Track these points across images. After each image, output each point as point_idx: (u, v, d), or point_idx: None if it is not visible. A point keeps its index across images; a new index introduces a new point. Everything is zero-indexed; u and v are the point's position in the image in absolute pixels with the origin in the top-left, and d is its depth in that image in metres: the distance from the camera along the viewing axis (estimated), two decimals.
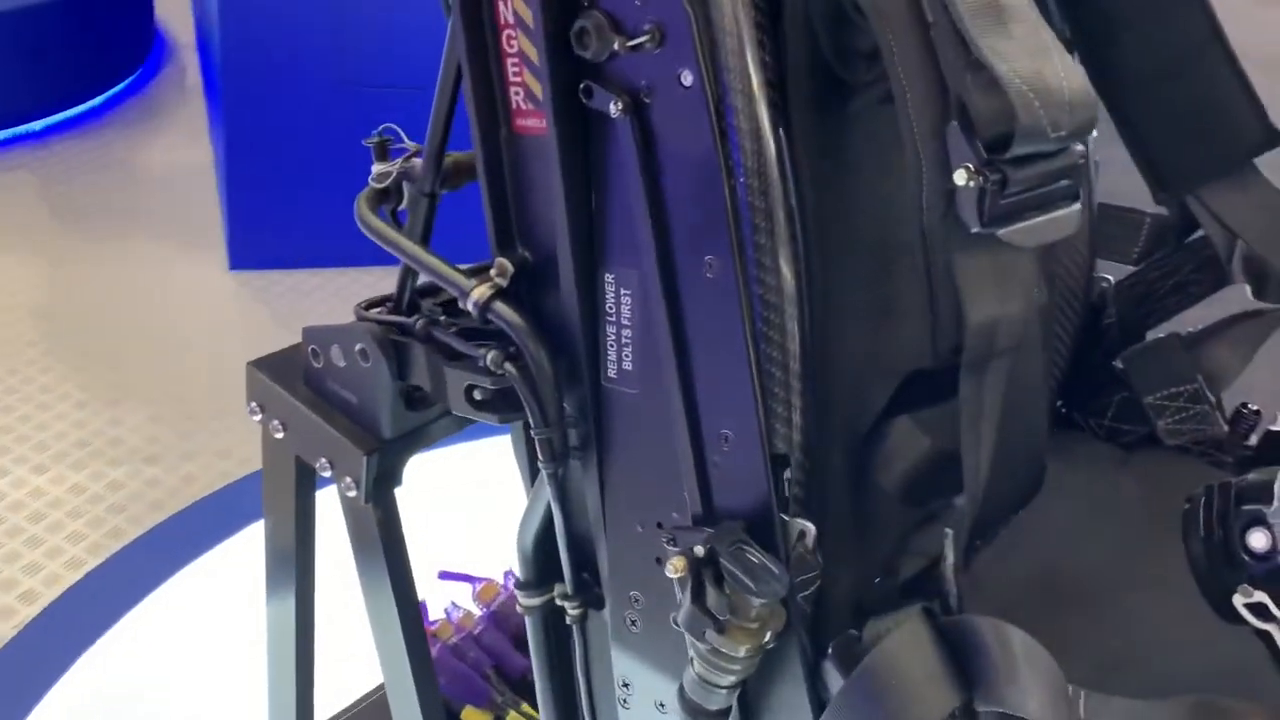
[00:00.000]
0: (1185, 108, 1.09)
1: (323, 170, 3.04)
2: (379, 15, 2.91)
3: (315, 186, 3.10)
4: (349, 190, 2.33)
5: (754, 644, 0.80)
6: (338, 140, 3.09)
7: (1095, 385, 1.32)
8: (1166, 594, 1.11)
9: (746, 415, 0.81)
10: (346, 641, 1.54)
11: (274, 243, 3.22)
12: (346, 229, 1.30)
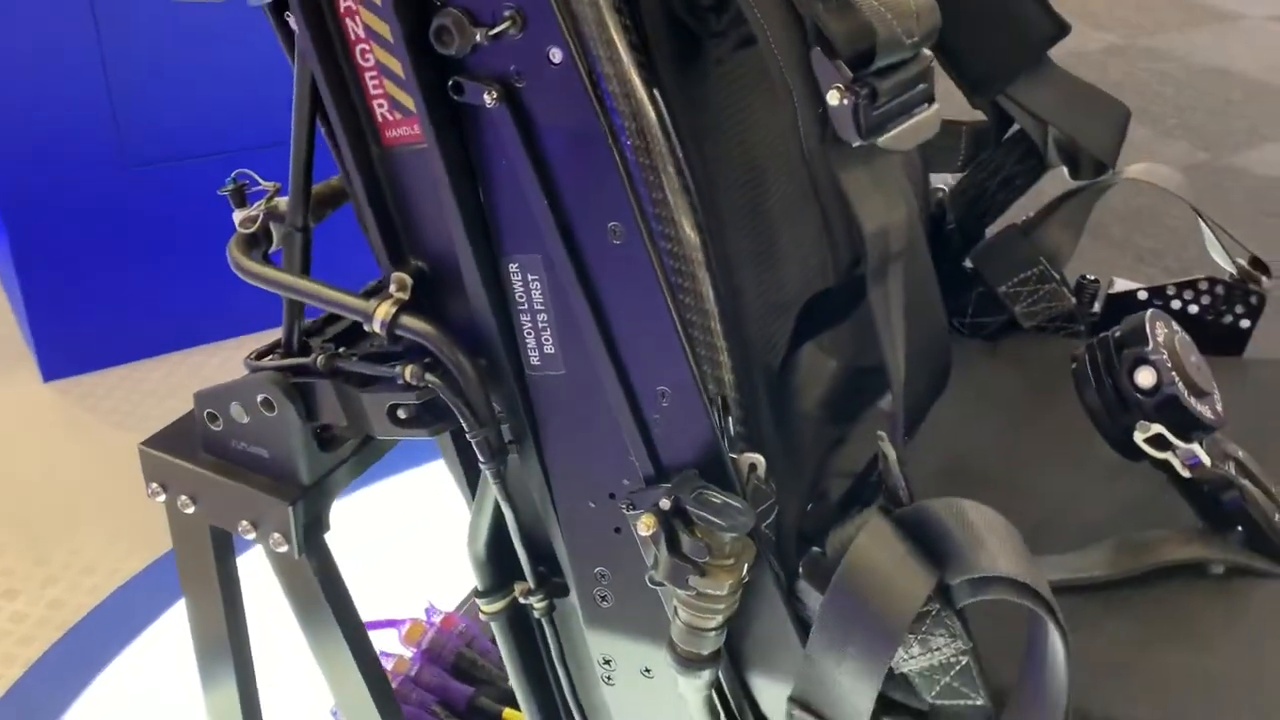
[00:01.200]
0: (983, 15, 1.19)
1: (122, 257, 2.89)
2: (156, 90, 2.78)
3: (118, 275, 2.94)
4: (154, 275, 2.25)
5: (735, 579, 0.82)
6: (131, 224, 2.96)
7: (951, 288, 1.41)
8: (1063, 459, 1.21)
9: (679, 367, 0.83)
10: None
11: (86, 343, 3.03)
12: (160, 314, 1.24)
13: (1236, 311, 1.33)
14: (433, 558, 2.21)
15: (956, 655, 0.83)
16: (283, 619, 1.14)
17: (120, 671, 2.14)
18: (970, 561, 0.78)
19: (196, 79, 2.75)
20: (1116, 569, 0.99)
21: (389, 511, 2.41)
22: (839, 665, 0.81)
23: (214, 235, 1.06)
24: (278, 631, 1.44)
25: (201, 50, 2.76)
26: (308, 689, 1.66)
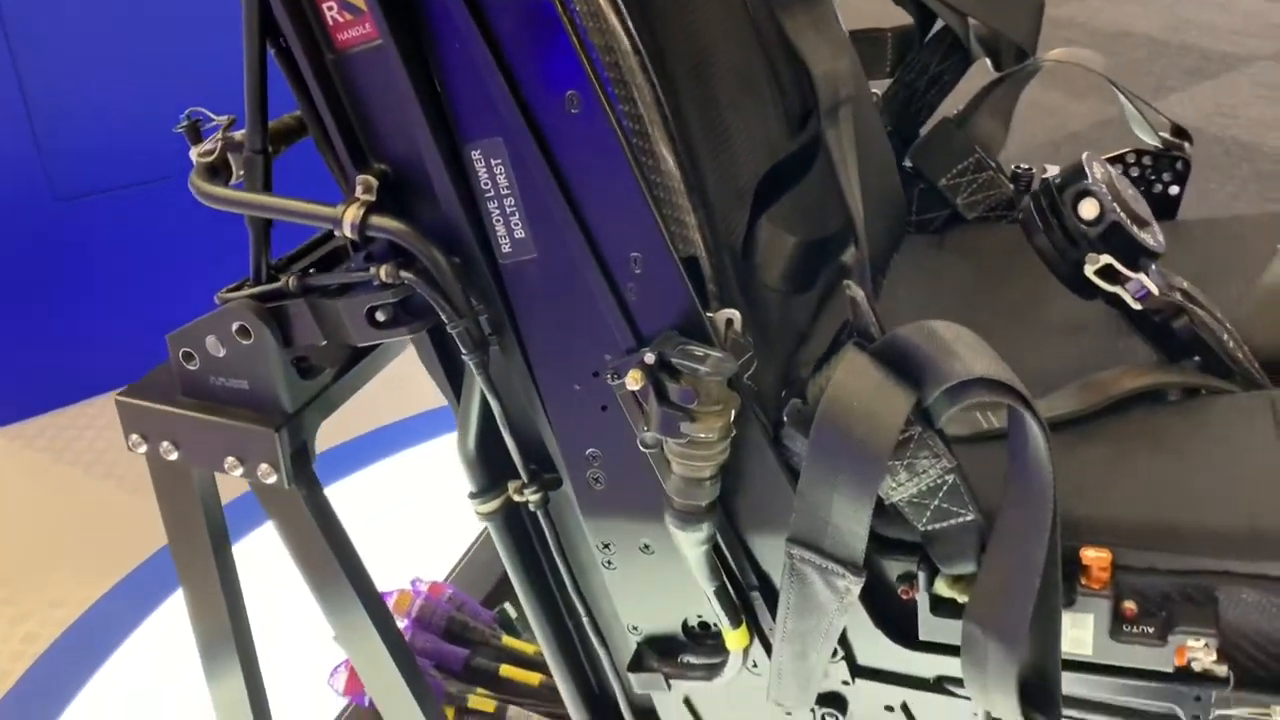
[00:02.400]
0: None
1: (56, 295, 2.86)
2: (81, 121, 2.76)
3: (60, 313, 2.90)
4: (91, 312, 2.21)
5: (723, 424, 0.85)
6: (64, 258, 2.92)
7: None
8: (1019, 327, 1.25)
9: (648, 230, 0.86)
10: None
11: (29, 385, 2.98)
12: (105, 348, 1.21)
13: (1165, 179, 1.39)
14: (414, 538, 2.22)
15: (943, 475, 0.86)
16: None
17: (103, 683, 2.12)
18: (944, 371, 0.81)
19: (121, 107, 2.74)
20: (1083, 404, 1.03)
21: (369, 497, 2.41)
22: (831, 497, 0.84)
23: (153, 264, 1.07)
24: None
25: (125, 77, 2.74)
26: (307, 650, 1.67)
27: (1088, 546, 0.86)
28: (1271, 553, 0.83)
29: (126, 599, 2.30)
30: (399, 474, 2.53)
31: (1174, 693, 0.86)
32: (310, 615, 1.18)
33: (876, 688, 0.97)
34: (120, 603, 2.29)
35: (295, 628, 1.75)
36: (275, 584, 1.31)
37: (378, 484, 2.49)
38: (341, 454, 2.58)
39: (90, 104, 2.76)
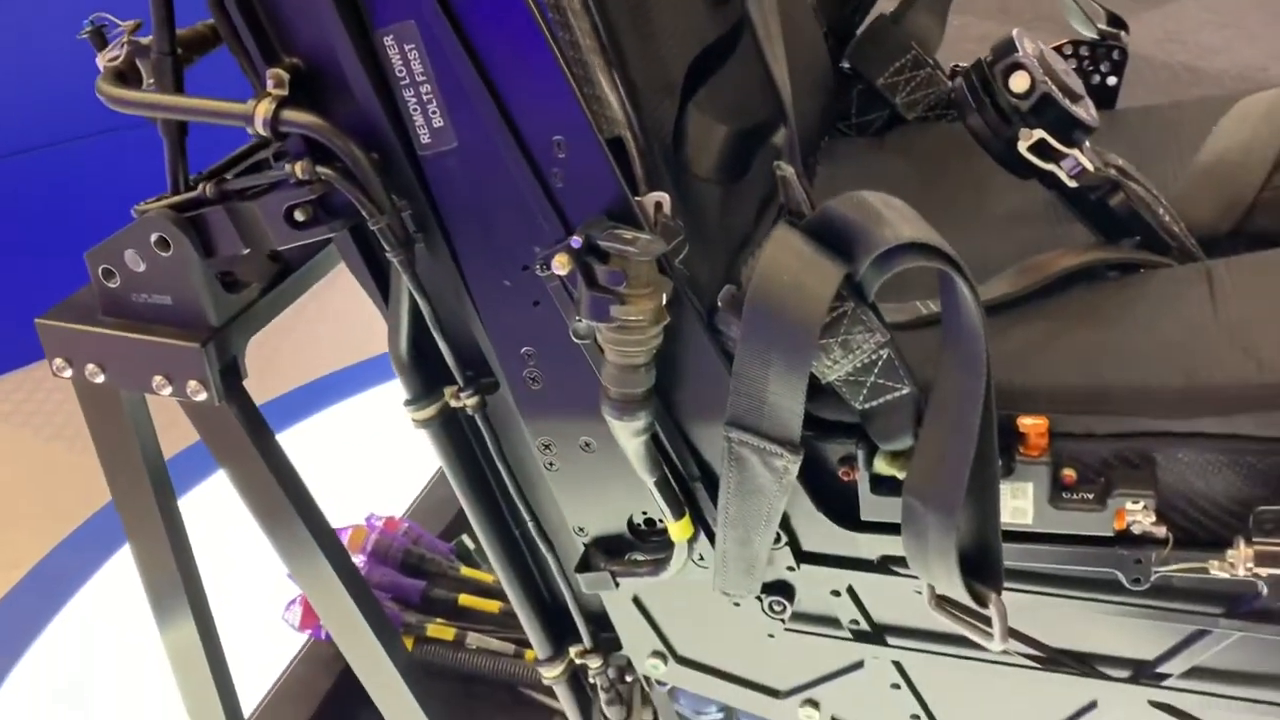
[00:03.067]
0: None
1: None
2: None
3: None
4: (32, 276, 2.12)
5: (654, 307, 0.83)
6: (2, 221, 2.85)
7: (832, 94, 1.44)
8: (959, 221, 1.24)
9: (569, 109, 0.84)
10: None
11: None
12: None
13: (1103, 70, 1.38)
14: (372, 477, 2.20)
15: (877, 350, 0.85)
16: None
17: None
18: (874, 239, 0.80)
19: (20, 71, 2.66)
20: (1022, 286, 1.02)
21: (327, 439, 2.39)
22: (765, 375, 0.83)
23: (96, 226, 1.05)
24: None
25: (22, 40, 2.66)
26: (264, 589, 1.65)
27: (1024, 415, 0.85)
28: (1207, 409, 0.83)
29: (76, 552, 2.27)
30: (358, 416, 2.51)
31: (1115, 557, 0.87)
32: (266, 553, 1.16)
33: (822, 572, 0.97)
34: (71, 556, 2.26)
35: (250, 569, 1.74)
36: (229, 523, 1.30)
37: (335, 426, 2.47)
38: (298, 398, 2.55)
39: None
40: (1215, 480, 0.84)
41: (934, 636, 0.97)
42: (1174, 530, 0.85)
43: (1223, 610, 0.87)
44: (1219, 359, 0.86)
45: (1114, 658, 0.94)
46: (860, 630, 1.00)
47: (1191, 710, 0.93)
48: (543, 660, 1.14)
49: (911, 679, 1.01)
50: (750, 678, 1.07)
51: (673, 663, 1.09)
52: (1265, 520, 0.81)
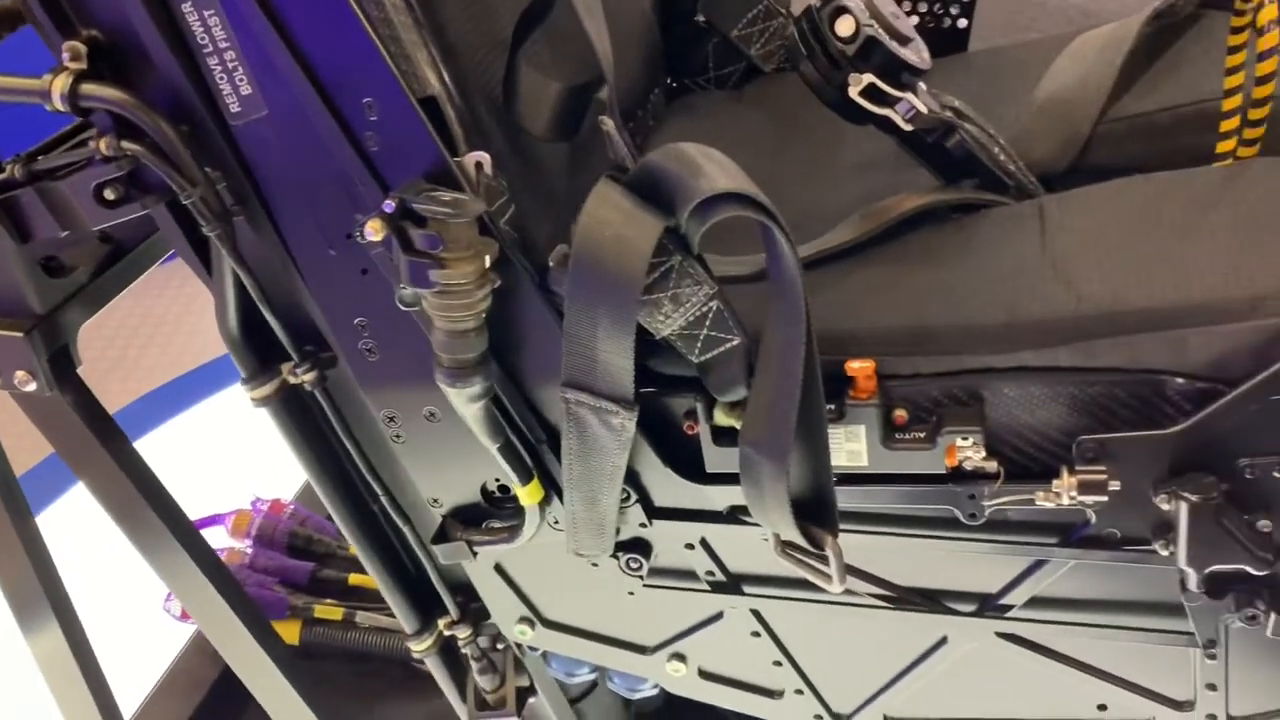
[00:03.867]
0: None
1: None
2: None
3: None
4: None
5: (475, 270, 0.81)
6: None
7: (689, 45, 1.43)
8: (811, 172, 1.25)
9: (379, 71, 0.81)
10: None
11: None
12: None
13: (952, 13, 1.39)
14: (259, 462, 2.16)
15: (706, 302, 0.85)
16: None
17: None
18: (692, 189, 0.79)
19: None
20: (864, 230, 1.03)
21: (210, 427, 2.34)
22: (594, 333, 0.82)
23: None
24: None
25: None
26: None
27: (853, 359, 0.86)
28: (1027, 343, 0.84)
29: None
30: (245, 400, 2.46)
31: (949, 494, 0.88)
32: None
33: (674, 526, 0.97)
34: None
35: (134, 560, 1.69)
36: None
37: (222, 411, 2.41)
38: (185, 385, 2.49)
39: None
40: (1040, 413, 0.85)
41: (787, 583, 0.97)
42: (1005, 464, 0.87)
43: (1057, 540, 0.89)
44: (1041, 293, 0.87)
45: (960, 593, 0.95)
46: (717, 581, 1.00)
47: (1037, 639, 0.95)
48: (410, 634, 1.12)
49: (770, 626, 1.02)
50: (617, 636, 1.08)
51: (540, 627, 1.09)
52: (1087, 449, 0.83)
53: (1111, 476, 0.82)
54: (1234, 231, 0.86)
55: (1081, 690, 0.97)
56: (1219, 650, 0.90)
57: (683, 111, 1.41)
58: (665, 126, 1.38)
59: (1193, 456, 0.81)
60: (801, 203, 1.21)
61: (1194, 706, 0.94)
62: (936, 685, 1.01)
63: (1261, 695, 0.92)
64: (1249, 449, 0.80)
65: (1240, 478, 0.81)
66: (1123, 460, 0.82)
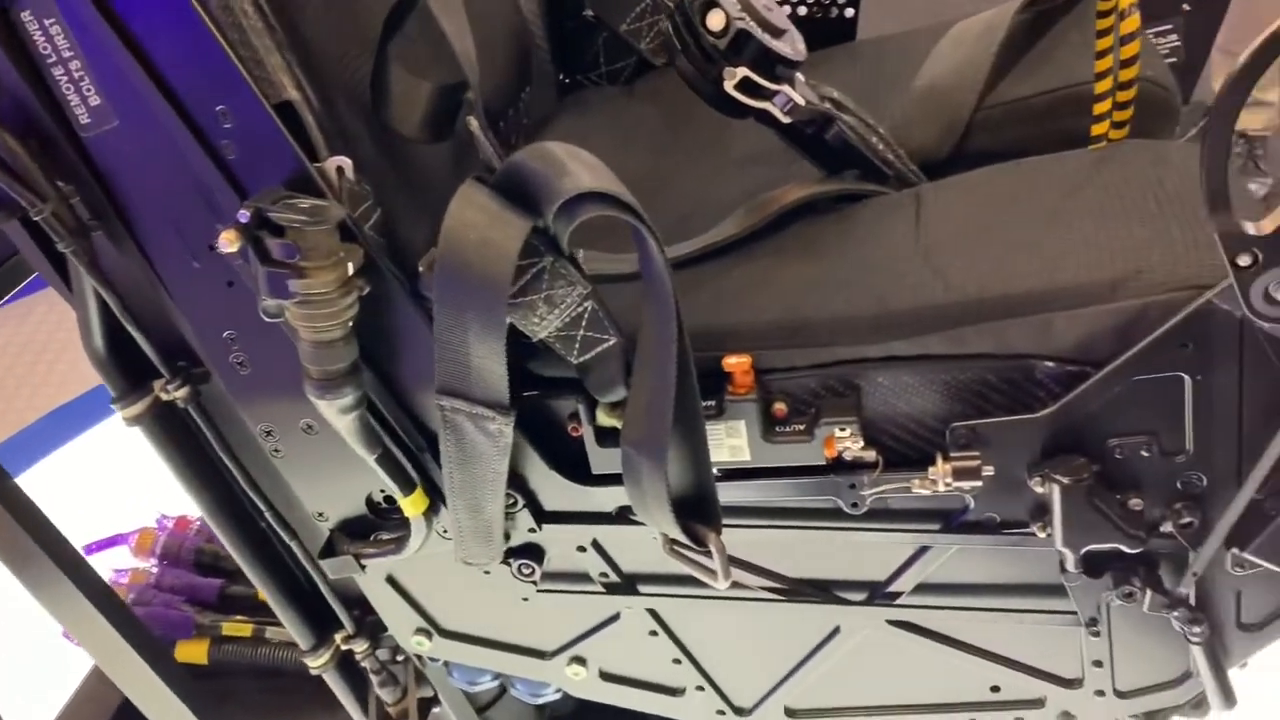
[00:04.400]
0: None
1: None
2: None
3: None
4: None
5: (337, 278, 0.80)
6: None
7: (580, 41, 1.42)
8: (701, 166, 1.24)
9: (229, 76, 0.79)
10: None
11: None
12: None
13: (839, 2, 1.39)
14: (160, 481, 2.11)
15: (581, 302, 0.84)
16: None
17: None
18: (556, 188, 0.78)
19: None
20: (748, 224, 1.02)
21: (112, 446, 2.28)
22: (465, 339, 0.81)
23: None
24: None
25: None
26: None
27: (730, 355, 0.85)
28: (898, 332, 0.84)
29: None
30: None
31: (831, 484, 0.88)
32: None
33: (565, 530, 0.96)
34: None
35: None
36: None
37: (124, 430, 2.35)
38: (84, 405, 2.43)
39: None
40: (915, 400, 0.85)
41: (680, 580, 0.97)
42: (885, 452, 0.87)
43: (939, 526, 0.89)
44: (912, 282, 0.87)
45: (849, 582, 0.96)
46: (611, 582, 0.99)
47: (927, 624, 0.96)
48: (305, 650, 1.10)
49: (667, 624, 1.01)
50: (515, 642, 1.06)
51: (438, 637, 1.07)
52: (960, 435, 0.83)
53: (985, 461, 0.83)
54: (1098, 215, 0.87)
55: (974, 673, 0.98)
56: (1102, 627, 0.91)
57: (574, 108, 1.40)
58: (556, 123, 1.37)
59: (1064, 438, 0.82)
60: (692, 196, 1.21)
61: (1083, 684, 0.96)
62: (834, 674, 1.01)
63: (1146, 669, 0.94)
64: (1117, 429, 0.81)
65: (1111, 458, 0.82)
66: (995, 445, 0.83)
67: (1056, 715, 0.98)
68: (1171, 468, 0.81)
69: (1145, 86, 1.05)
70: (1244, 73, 0.65)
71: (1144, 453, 0.81)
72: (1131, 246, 0.82)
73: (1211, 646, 0.87)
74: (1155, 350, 0.76)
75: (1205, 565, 0.84)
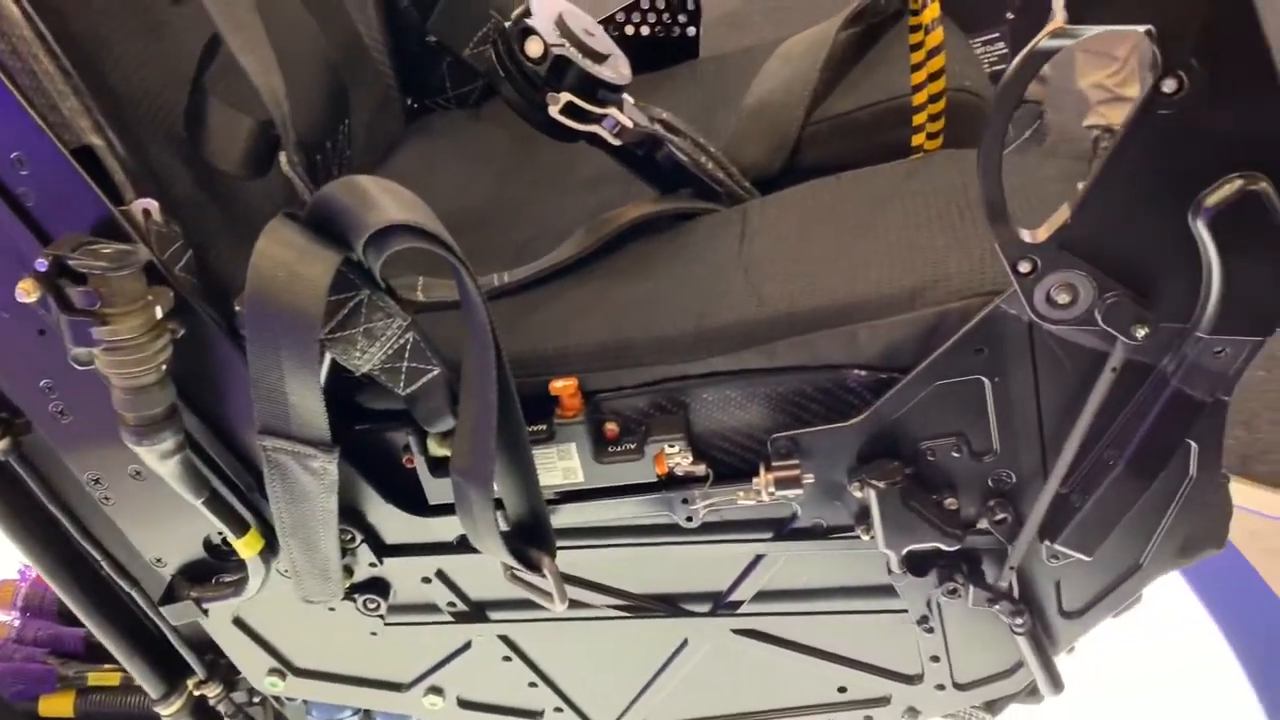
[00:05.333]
0: None
1: None
2: None
3: None
4: None
5: (146, 322, 0.78)
6: None
7: (424, 66, 1.41)
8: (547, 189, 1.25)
9: (21, 123, 0.77)
10: None
11: None
12: None
13: (680, 21, 1.41)
14: None
15: (402, 334, 0.84)
16: None
17: None
18: (363, 220, 0.78)
19: None
20: (584, 247, 1.03)
21: None
22: (281, 377, 0.80)
23: None
24: None
25: None
26: None
27: (556, 378, 0.86)
28: (717, 349, 0.86)
29: None
30: None
31: (665, 500, 0.89)
32: None
33: (408, 562, 0.96)
34: None
35: None
36: None
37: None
38: None
39: None
40: (739, 414, 0.87)
41: (529, 605, 0.97)
42: (716, 466, 0.89)
43: (771, 535, 0.91)
44: (730, 299, 0.89)
45: (693, 594, 0.97)
46: (459, 611, 0.99)
47: (771, 631, 0.98)
48: (156, 699, 1.08)
49: (520, 649, 1.02)
50: (370, 677, 1.06)
51: (292, 677, 1.06)
52: (780, 446, 0.85)
53: (805, 470, 0.85)
54: (903, 225, 0.90)
55: (821, 676, 1.00)
56: (934, 623, 0.94)
57: (421, 133, 1.40)
58: (403, 149, 1.37)
59: (878, 443, 0.84)
60: (539, 217, 1.22)
61: (923, 679, 0.99)
62: (687, 686, 1.03)
63: (980, 661, 0.97)
64: (927, 432, 0.84)
65: (924, 460, 0.85)
66: (814, 453, 0.85)
67: (902, 711, 1.01)
68: (981, 467, 0.84)
69: (961, 96, 1.10)
70: (1008, 89, 0.68)
71: (954, 454, 0.84)
72: (932, 255, 0.85)
73: (1035, 635, 0.91)
74: (952, 356, 0.79)
75: (1021, 559, 0.87)
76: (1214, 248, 0.69)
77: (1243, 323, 0.71)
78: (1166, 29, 0.63)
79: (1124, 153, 0.67)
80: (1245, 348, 0.72)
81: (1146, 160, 0.68)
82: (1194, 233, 0.69)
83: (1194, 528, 0.84)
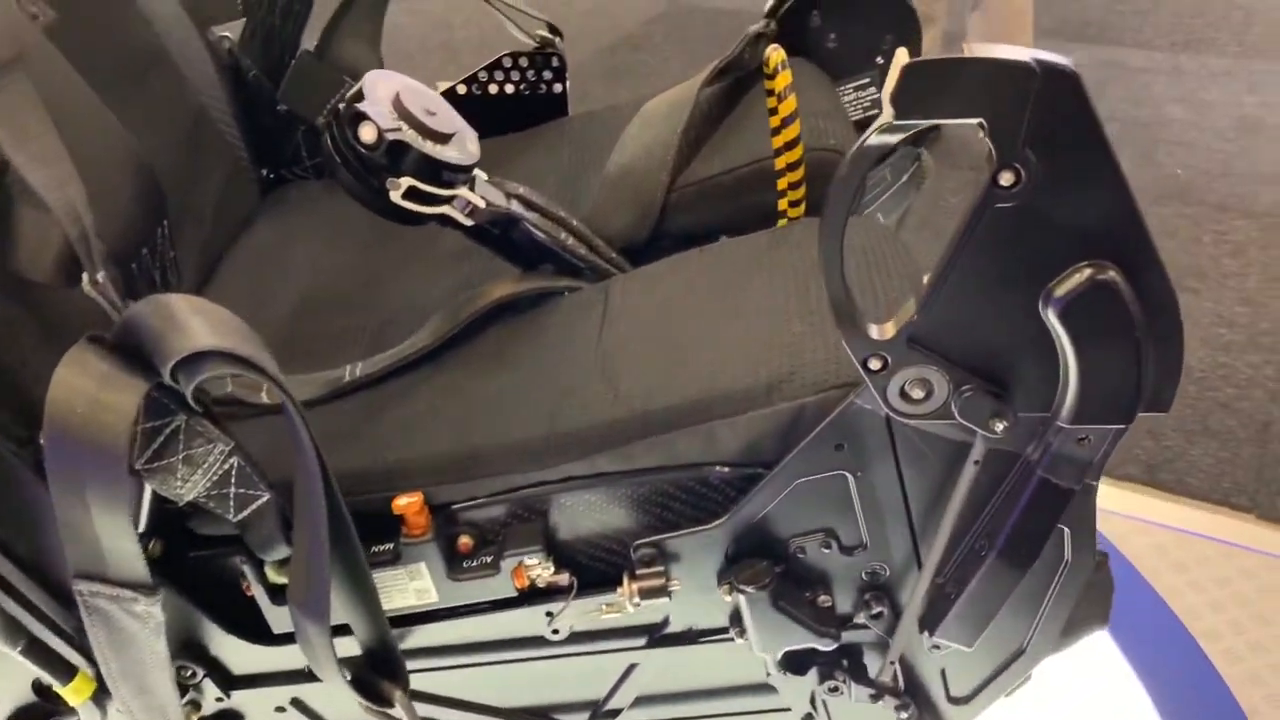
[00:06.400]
0: None
1: None
2: None
3: None
4: None
5: None
6: None
7: (278, 138, 1.35)
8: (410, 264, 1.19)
9: None
10: None
11: None
12: None
13: (546, 78, 1.37)
14: None
15: (226, 459, 0.77)
16: None
17: None
18: (171, 345, 0.71)
19: None
20: (440, 335, 0.98)
21: None
22: (89, 515, 0.73)
23: None
24: None
25: None
26: None
27: (400, 495, 0.80)
28: (571, 454, 0.81)
29: None
30: None
31: (528, 615, 0.84)
32: None
33: (259, 693, 0.89)
34: None
35: None
36: None
37: None
38: None
39: None
40: (601, 518, 0.82)
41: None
42: (580, 573, 0.83)
43: (644, 641, 0.86)
44: (584, 395, 0.84)
45: (569, 705, 0.92)
46: None
47: None
48: None
49: None
50: None
51: None
52: (644, 553, 0.80)
53: (672, 576, 0.80)
54: (763, 309, 0.86)
55: None
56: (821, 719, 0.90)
57: (278, 205, 1.33)
58: (259, 223, 1.30)
59: (745, 542, 0.80)
60: (399, 295, 1.16)
61: None
62: None
63: None
64: (795, 529, 0.80)
65: (795, 557, 0.80)
66: (680, 558, 0.80)
67: None
68: (853, 561, 0.80)
69: (824, 155, 1.06)
70: (839, 189, 0.65)
71: (824, 549, 0.80)
72: (789, 344, 0.81)
73: None
74: (811, 452, 0.75)
75: (901, 652, 0.83)
76: (1067, 338, 0.66)
77: (1103, 411, 0.68)
78: (997, 122, 0.60)
79: (966, 247, 0.64)
80: (1108, 435, 0.69)
81: (991, 253, 0.64)
82: (1046, 323, 0.66)
83: (1076, 609, 0.81)
